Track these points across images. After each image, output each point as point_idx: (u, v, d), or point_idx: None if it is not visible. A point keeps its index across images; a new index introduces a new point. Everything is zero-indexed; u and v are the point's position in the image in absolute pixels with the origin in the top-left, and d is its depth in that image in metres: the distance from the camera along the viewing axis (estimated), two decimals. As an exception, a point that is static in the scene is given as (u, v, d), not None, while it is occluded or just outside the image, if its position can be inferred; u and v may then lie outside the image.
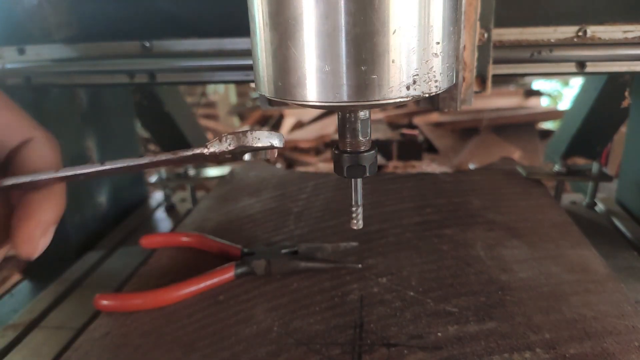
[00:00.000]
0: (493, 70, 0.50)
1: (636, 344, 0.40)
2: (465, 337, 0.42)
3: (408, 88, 0.30)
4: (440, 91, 0.32)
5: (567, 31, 0.53)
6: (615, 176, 0.75)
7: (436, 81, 0.31)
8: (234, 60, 0.57)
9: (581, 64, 0.54)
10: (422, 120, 2.29)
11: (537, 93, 2.63)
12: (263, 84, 0.33)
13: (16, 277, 0.89)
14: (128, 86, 0.83)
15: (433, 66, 0.31)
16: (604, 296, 0.46)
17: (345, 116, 0.35)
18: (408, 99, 0.31)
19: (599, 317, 0.43)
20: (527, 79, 2.72)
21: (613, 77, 0.82)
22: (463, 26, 0.45)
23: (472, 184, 0.75)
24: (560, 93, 3.19)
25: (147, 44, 0.59)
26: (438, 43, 0.30)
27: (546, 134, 2.12)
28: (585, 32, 0.53)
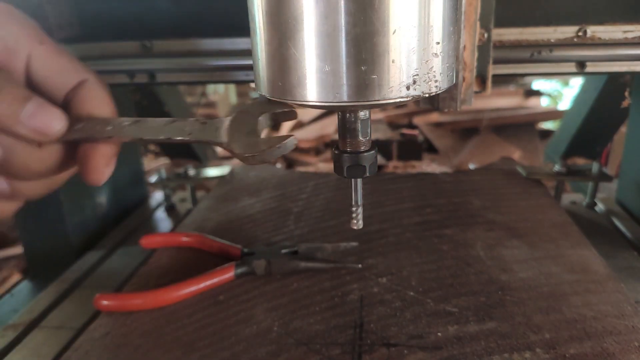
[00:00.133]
0: (493, 70, 0.50)
1: (636, 344, 0.40)
2: (465, 337, 0.42)
3: (408, 88, 0.30)
4: (440, 91, 0.32)
5: (567, 31, 0.53)
6: (615, 176, 0.75)
7: (436, 81, 0.31)
8: (234, 60, 0.57)
9: (581, 64, 0.54)
10: (422, 120, 2.29)
11: (537, 93, 2.64)
12: (263, 84, 0.33)
13: (16, 277, 0.89)
14: (128, 86, 0.83)
15: (433, 66, 0.31)
16: (604, 296, 0.46)
17: (345, 116, 0.35)
18: (408, 99, 0.31)
19: (599, 317, 0.43)
20: (527, 79, 2.72)
21: (613, 77, 0.82)
22: (463, 26, 0.45)
23: (472, 184, 0.75)
24: (560, 93, 3.19)
25: (147, 44, 0.59)
26: (438, 43, 0.30)
27: (546, 134, 2.13)
28: (585, 32, 0.53)
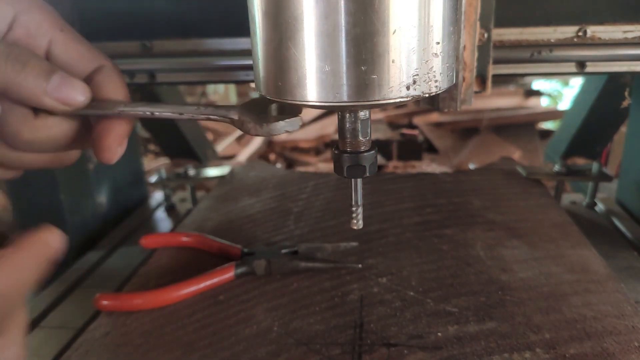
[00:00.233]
0: (493, 70, 0.50)
1: (636, 344, 0.40)
2: (465, 337, 0.42)
3: (408, 88, 0.30)
4: (440, 91, 0.32)
5: (567, 31, 0.53)
6: (615, 176, 0.75)
7: (436, 81, 0.31)
8: (234, 60, 0.57)
9: (581, 64, 0.54)
10: (422, 120, 2.29)
11: (537, 93, 2.64)
12: (263, 84, 0.33)
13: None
14: (128, 86, 0.82)
15: (433, 66, 0.31)
16: (604, 296, 0.46)
17: (345, 116, 0.35)
18: (408, 99, 0.31)
19: (599, 317, 0.43)
20: (527, 79, 2.72)
21: (613, 77, 0.82)
22: (463, 26, 0.45)
23: (472, 184, 0.75)
24: (560, 93, 3.19)
25: (147, 44, 0.58)
26: (438, 43, 0.30)
27: (546, 134, 2.13)
28: (585, 32, 0.53)
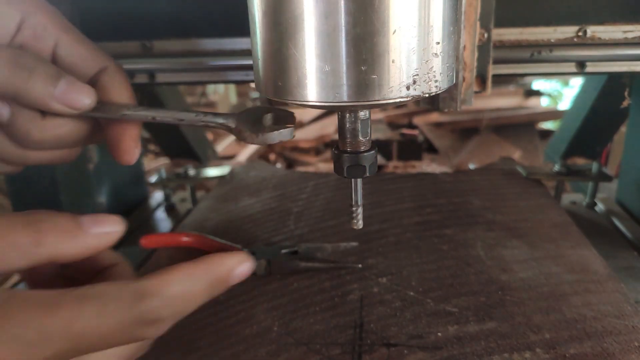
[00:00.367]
0: (493, 70, 0.50)
1: (636, 344, 0.40)
2: (465, 337, 0.42)
3: (408, 88, 0.30)
4: (440, 91, 0.32)
5: (567, 31, 0.53)
6: (615, 176, 0.75)
7: (436, 81, 0.31)
8: (234, 60, 0.57)
9: (581, 64, 0.54)
10: (422, 120, 2.30)
11: (537, 93, 2.64)
12: (263, 84, 0.33)
13: (16, 277, 0.89)
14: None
15: (433, 66, 0.31)
16: (604, 296, 0.46)
17: (345, 116, 0.35)
18: (408, 99, 0.31)
19: (599, 317, 0.43)
20: (527, 79, 2.72)
21: (613, 77, 0.82)
22: (463, 26, 0.45)
23: (472, 184, 0.75)
24: (560, 93, 3.19)
25: (147, 44, 0.58)
26: (438, 43, 0.30)
27: (546, 134, 2.13)
28: (585, 32, 0.53)
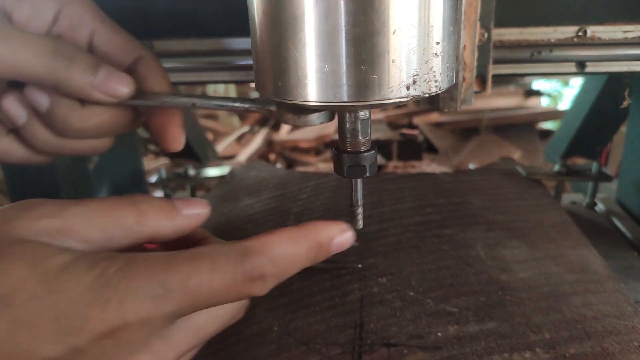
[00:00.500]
0: (493, 70, 0.50)
1: (636, 344, 0.40)
2: (465, 337, 0.42)
3: (408, 88, 0.30)
4: (440, 91, 0.32)
5: (567, 31, 0.53)
6: (615, 176, 0.75)
7: (436, 81, 0.31)
8: (234, 60, 0.57)
9: (581, 64, 0.54)
10: (422, 120, 2.30)
11: (537, 93, 2.64)
12: (263, 84, 0.33)
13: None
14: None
15: (433, 66, 0.31)
16: (604, 296, 0.46)
17: (345, 116, 0.35)
18: (408, 99, 0.31)
19: (599, 317, 0.43)
20: (527, 79, 2.72)
21: (613, 77, 0.82)
22: (463, 26, 0.45)
23: (472, 184, 0.75)
24: (560, 93, 3.20)
25: (147, 44, 0.58)
26: (438, 43, 0.30)
27: (546, 134, 2.13)
28: (585, 32, 0.53)
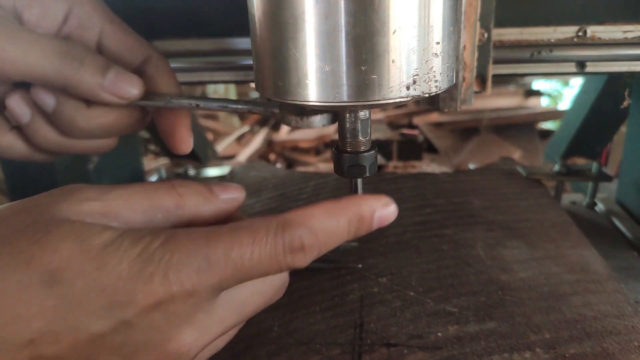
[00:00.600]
0: (493, 70, 0.50)
1: (636, 344, 0.40)
2: (465, 337, 0.42)
3: (408, 88, 0.30)
4: (440, 91, 0.32)
5: (567, 31, 0.53)
6: (615, 176, 0.75)
7: (436, 81, 0.31)
8: (234, 60, 0.57)
9: (581, 64, 0.54)
10: (422, 120, 2.30)
11: (537, 93, 2.64)
12: (263, 84, 0.33)
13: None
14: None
15: (433, 66, 0.31)
16: (604, 296, 0.46)
17: (345, 116, 0.35)
18: (408, 99, 0.31)
19: (599, 317, 0.43)
20: (527, 79, 2.72)
21: (613, 77, 0.82)
22: (463, 26, 0.45)
23: (472, 184, 0.75)
24: (560, 93, 3.20)
25: (148, 44, 0.58)
26: (438, 43, 0.30)
27: (546, 134, 2.13)
28: (585, 32, 0.53)
